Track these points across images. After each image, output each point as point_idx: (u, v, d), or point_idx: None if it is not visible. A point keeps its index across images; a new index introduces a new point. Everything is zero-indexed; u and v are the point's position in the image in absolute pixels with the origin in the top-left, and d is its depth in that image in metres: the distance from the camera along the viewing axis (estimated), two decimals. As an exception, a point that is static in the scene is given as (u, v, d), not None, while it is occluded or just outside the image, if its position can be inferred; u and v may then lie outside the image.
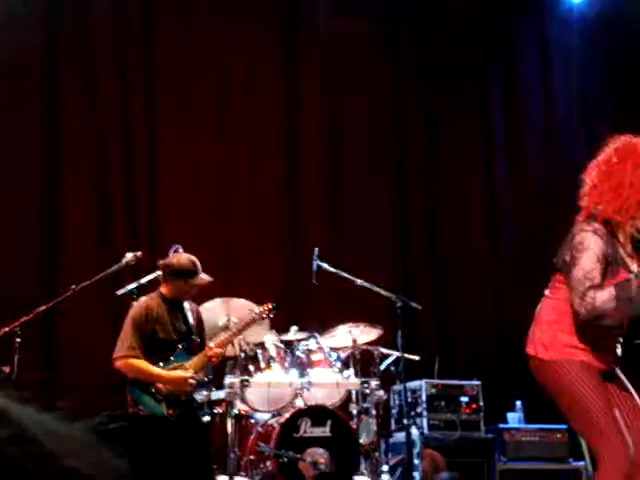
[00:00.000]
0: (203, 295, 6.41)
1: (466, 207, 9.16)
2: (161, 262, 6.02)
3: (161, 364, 5.80)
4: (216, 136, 8.40)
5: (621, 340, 3.87)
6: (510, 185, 9.33)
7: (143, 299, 5.98)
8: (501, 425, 7.53)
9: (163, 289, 5.99)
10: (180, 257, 5.98)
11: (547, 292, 3.96)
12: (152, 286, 6.19)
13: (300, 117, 8.76)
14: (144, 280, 6.25)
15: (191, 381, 5.77)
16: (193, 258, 5.97)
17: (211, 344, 5.97)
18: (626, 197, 3.77)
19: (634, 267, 3.84)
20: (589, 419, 3.72)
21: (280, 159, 8.64)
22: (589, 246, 3.75)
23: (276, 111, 8.70)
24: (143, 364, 5.74)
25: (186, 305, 6.04)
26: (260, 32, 8.67)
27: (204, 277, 5.97)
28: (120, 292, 6.28)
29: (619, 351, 3.91)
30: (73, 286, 5.90)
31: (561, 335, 3.81)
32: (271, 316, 6.35)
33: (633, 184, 3.78)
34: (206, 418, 5.99)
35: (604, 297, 3.66)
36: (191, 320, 6.01)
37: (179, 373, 5.78)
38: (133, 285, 6.21)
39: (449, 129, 9.27)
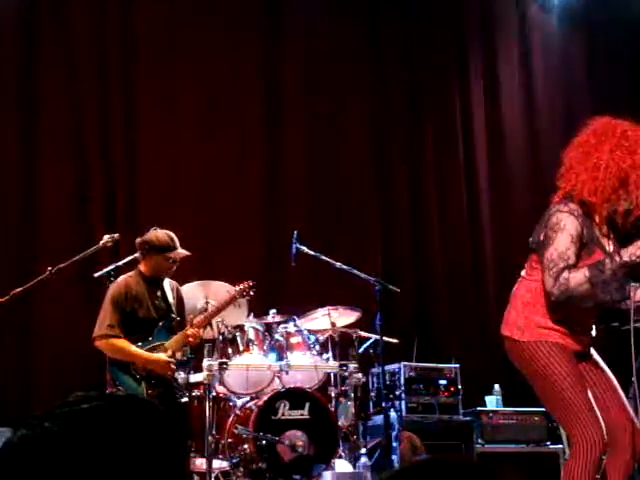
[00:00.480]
0: (181, 278, 6.38)
1: (447, 190, 9.16)
2: (139, 239, 6.01)
3: (140, 343, 5.78)
4: (196, 119, 8.34)
5: (596, 321, 3.87)
6: (491, 171, 9.34)
7: (122, 277, 5.96)
8: (479, 408, 7.57)
9: (142, 267, 5.98)
10: (157, 233, 5.98)
11: (523, 273, 3.96)
12: (129, 268, 6.16)
13: (282, 104, 8.71)
14: (121, 262, 6.21)
15: (173, 366, 5.76)
16: (171, 233, 5.98)
17: (189, 325, 5.96)
18: (602, 179, 3.77)
19: (610, 248, 3.85)
20: (563, 400, 3.73)
21: (261, 141, 8.60)
22: (564, 226, 3.74)
23: (258, 93, 8.64)
24: (123, 343, 5.73)
25: (166, 283, 6.03)
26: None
27: (182, 251, 5.97)
28: (97, 274, 6.23)
29: (594, 332, 3.92)
30: (50, 268, 5.84)
31: (535, 316, 3.81)
32: (251, 293, 6.33)
33: (609, 166, 3.78)
34: (184, 399, 5.97)
35: (578, 278, 3.66)
36: (171, 298, 6.01)
37: (160, 355, 5.77)
38: (110, 267, 6.16)
39: (430, 110, 9.26)
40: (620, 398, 3.90)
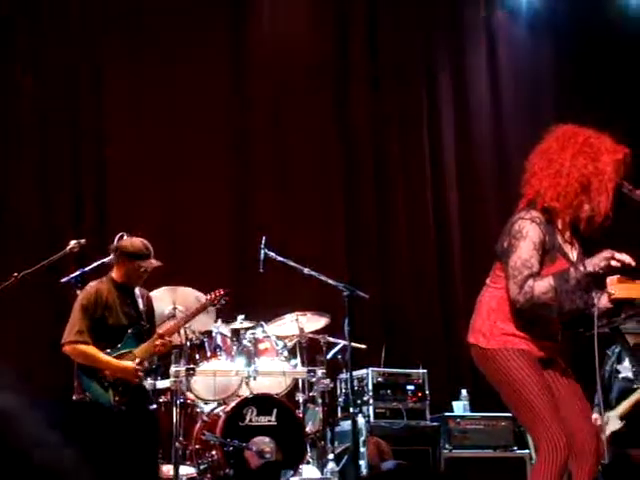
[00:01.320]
0: (149, 283, 6.36)
1: (414, 197, 9.17)
2: (114, 244, 5.97)
3: (109, 350, 5.75)
4: (165, 124, 8.30)
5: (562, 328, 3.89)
6: (458, 174, 9.37)
7: (93, 283, 5.93)
8: (446, 413, 7.59)
9: (114, 273, 5.95)
10: (133, 240, 5.95)
11: (488, 281, 3.98)
12: (96, 274, 6.13)
13: (250, 110, 8.69)
14: (88, 268, 6.18)
15: (140, 374, 5.74)
16: (146, 242, 5.96)
17: (158, 332, 5.93)
18: (564, 185, 3.80)
19: (573, 255, 3.88)
20: (529, 407, 3.75)
21: (228, 146, 8.58)
22: (527, 234, 3.77)
23: (225, 95, 8.62)
24: (92, 350, 5.70)
25: (137, 291, 6.01)
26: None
27: (154, 262, 5.94)
28: (64, 280, 6.20)
29: (559, 338, 3.94)
30: (15, 274, 5.80)
31: (500, 323, 3.83)
32: (222, 302, 6.32)
33: (571, 173, 3.81)
34: (153, 406, 5.94)
35: (542, 286, 3.69)
36: (141, 306, 5.98)
37: (128, 363, 5.74)
38: (77, 273, 6.14)
39: (397, 113, 9.27)
40: (584, 404, 3.93)
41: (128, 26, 8.28)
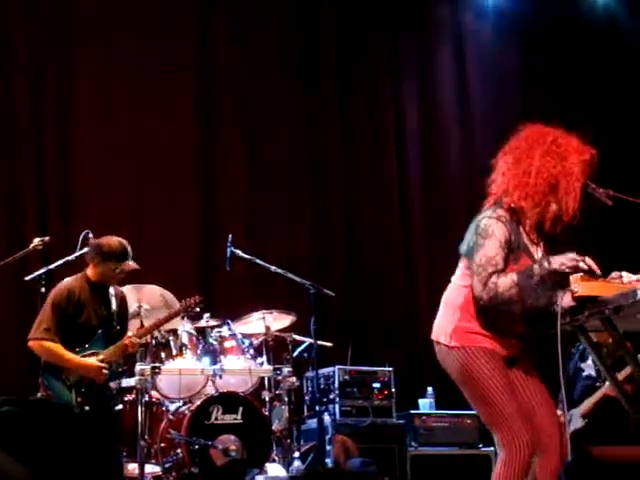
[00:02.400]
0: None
1: (380, 195, 9.18)
2: (92, 242, 5.90)
3: (77, 349, 5.69)
4: (132, 119, 8.25)
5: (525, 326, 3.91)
6: (424, 175, 9.39)
7: (66, 280, 5.86)
8: (412, 411, 7.61)
9: (89, 271, 5.86)
10: (112, 239, 5.86)
11: (453, 278, 4.00)
12: (62, 271, 6.08)
13: (218, 107, 8.67)
14: (53, 265, 6.14)
15: (105, 372, 5.68)
16: (125, 242, 5.87)
17: (130, 333, 5.89)
18: (532, 185, 3.82)
19: (537, 254, 3.90)
20: (491, 404, 3.77)
21: (196, 143, 8.54)
22: (493, 232, 3.78)
23: (194, 101, 8.59)
24: (57, 347, 5.64)
25: (111, 290, 5.93)
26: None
27: (132, 264, 5.86)
28: (28, 277, 6.15)
29: (524, 336, 3.95)
30: (-21, 271, 5.76)
31: (465, 322, 3.84)
32: (197, 310, 6.30)
33: (540, 172, 3.83)
34: (119, 407, 5.90)
35: (506, 283, 3.71)
36: (114, 306, 5.89)
37: (92, 361, 5.68)
38: (42, 270, 6.08)
39: (362, 113, 9.27)
40: (548, 402, 3.95)
41: (96, 26, 8.22)
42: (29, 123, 7.88)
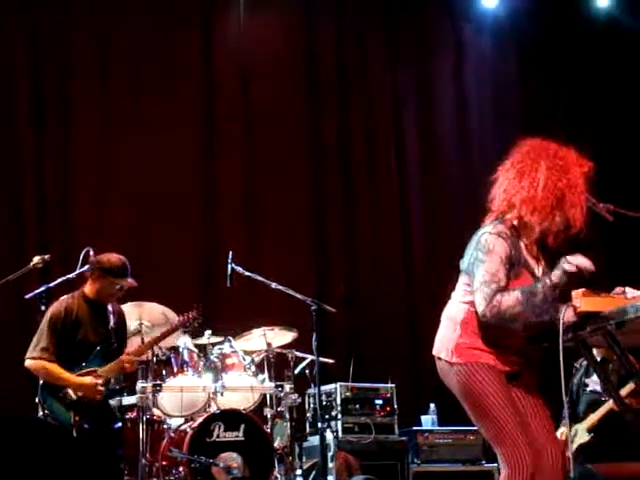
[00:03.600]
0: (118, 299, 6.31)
1: (379, 212, 9.17)
2: (92, 258, 5.87)
3: (75, 367, 5.66)
4: (132, 135, 8.26)
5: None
6: (423, 187, 9.39)
7: (63, 298, 5.84)
8: (415, 428, 7.59)
9: (87, 288, 5.84)
10: (112, 256, 5.84)
11: (453, 294, 3.98)
12: (61, 290, 6.06)
13: (217, 118, 8.68)
14: (53, 284, 6.12)
15: (100, 389, 5.64)
16: (124, 259, 5.85)
17: (126, 352, 5.86)
18: (540, 198, 3.79)
19: (538, 270, 3.88)
20: (494, 421, 3.74)
21: (197, 159, 8.55)
22: (494, 248, 3.76)
23: (195, 110, 8.63)
24: (53, 367, 5.61)
25: (109, 307, 5.90)
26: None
27: (131, 281, 5.83)
28: (28, 296, 6.13)
29: (527, 352, 3.93)
30: (-21, 290, 5.75)
31: (466, 338, 3.81)
32: (195, 325, 6.27)
33: (547, 185, 3.80)
34: (118, 425, 5.87)
35: (510, 301, 3.68)
36: (112, 323, 5.86)
37: (89, 379, 5.65)
38: (42, 289, 6.07)
39: (360, 127, 9.28)
40: (549, 421, 3.92)
41: (96, 31, 8.25)
42: (30, 139, 7.90)
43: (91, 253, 6.01)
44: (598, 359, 5.71)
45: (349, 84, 9.28)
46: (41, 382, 5.68)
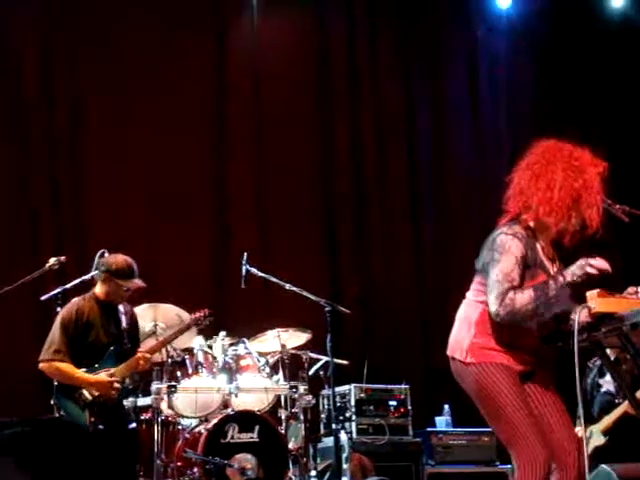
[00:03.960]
0: (130, 299, 6.33)
1: (392, 214, 9.15)
2: (100, 260, 5.91)
3: (87, 368, 5.68)
4: (145, 136, 8.28)
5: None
6: (436, 191, 9.38)
7: (75, 300, 5.87)
8: (429, 429, 7.58)
9: (97, 290, 5.87)
10: (118, 257, 5.87)
11: (468, 294, 3.98)
12: (77, 291, 6.09)
13: (229, 120, 8.69)
14: (69, 285, 6.15)
15: (116, 385, 5.66)
16: (131, 260, 5.87)
17: (141, 350, 5.88)
18: (557, 200, 3.80)
19: (553, 271, 3.88)
20: (508, 421, 3.74)
21: (209, 161, 8.57)
22: (510, 249, 3.77)
23: (205, 109, 8.63)
24: (67, 367, 5.63)
25: (121, 308, 5.92)
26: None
27: (137, 282, 5.86)
28: (44, 297, 6.17)
29: (541, 351, 3.93)
30: (-5, 290, 5.78)
31: (480, 337, 3.82)
32: (206, 323, 6.29)
33: (563, 187, 3.81)
34: (133, 425, 5.90)
35: (524, 299, 3.69)
36: (124, 324, 5.88)
37: (103, 377, 5.67)
38: (58, 290, 6.11)
39: (371, 129, 9.27)
40: (566, 418, 3.92)
41: (109, 34, 8.28)
42: (44, 143, 7.93)
43: (106, 255, 6.04)
44: (612, 359, 5.69)
45: (360, 85, 9.26)
46: (56, 383, 5.71)
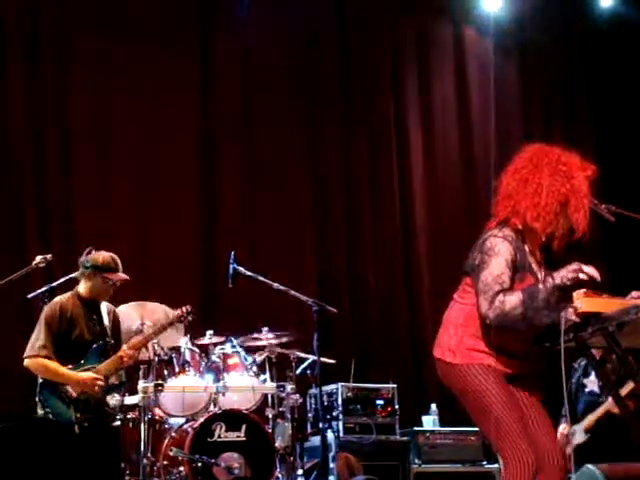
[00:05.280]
0: (118, 298, 6.33)
1: (382, 214, 9.16)
2: (81, 258, 5.93)
3: (71, 366, 5.71)
4: (133, 136, 8.26)
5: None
6: (427, 191, 9.39)
7: (57, 298, 5.90)
8: (416, 428, 7.59)
9: (80, 288, 5.92)
10: (100, 253, 5.92)
11: (456, 296, 3.99)
12: (64, 289, 6.09)
13: (217, 117, 8.67)
14: (56, 283, 6.15)
15: (100, 382, 5.68)
16: (114, 255, 5.94)
17: (124, 346, 5.90)
18: (544, 205, 3.80)
19: (542, 274, 3.88)
20: (495, 422, 3.74)
21: (197, 162, 8.55)
22: (499, 251, 3.77)
23: (191, 108, 8.60)
24: (52, 364, 5.67)
25: (103, 306, 5.98)
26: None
27: (122, 275, 5.91)
28: (31, 295, 6.17)
29: (528, 354, 3.94)
30: (-19, 289, 5.76)
31: (467, 339, 3.82)
32: (189, 319, 6.29)
33: (550, 192, 3.81)
34: (117, 423, 5.89)
35: (513, 302, 3.69)
36: (106, 321, 5.94)
37: (88, 374, 5.70)
38: (45, 288, 6.11)
39: (361, 129, 9.27)
40: (548, 422, 3.93)
41: (95, 40, 8.25)
42: (30, 140, 7.89)
43: (93, 252, 6.04)
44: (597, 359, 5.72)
45: (350, 88, 9.25)
46: (40, 380, 5.74)
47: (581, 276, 3.67)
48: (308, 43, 9.16)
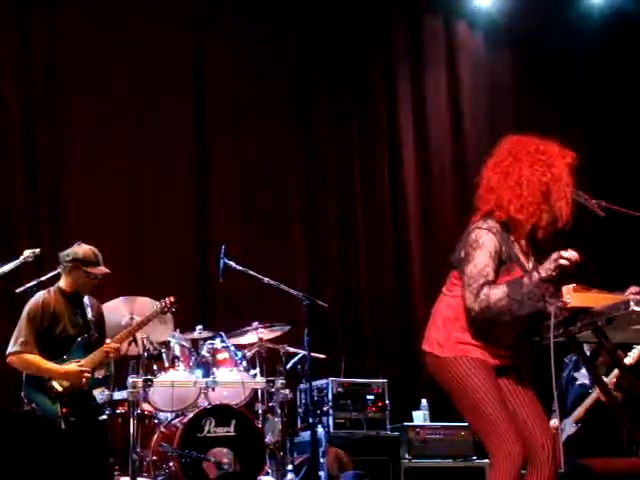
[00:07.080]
0: (109, 293, 6.31)
1: (373, 207, 9.15)
2: (62, 253, 5.89)
3: (55, 360, 5.67)
4: (127, 132, 8.22)
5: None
6: (418, 188, 9.38)
7: (40, 294, 5.86)
8: (406, 423, 7.59)
9: (62, 282, 5.88)
10: (82, 247, 5.88)
11: (444, 289, 3.99)
12: (52, 284, 6.05)
13: (211, 112, 8.65)
14: (44, 278, 6.12)
15: (86, 374, 5.65)
16: (95, 249, 5.89)
17: (108, 340, 5.87)
18: (526, 195, 3.82)
19: (529, 265, 3.89)
20: (482, 414, 3.75)
21: (190, 155, 8.53)
22: (483, 243, 3.78)
23: (185, 104, 8.57)
24: (36, 359, 5.63)
25: (86, 300, 5.92)
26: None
27: (103, 268, 5.86)
28: (19, 290, 6.14)
29: (516, 346, 3.93)
30: (-31, 283, 5.73)
31: (456, 332, 3.83)
32: (173, 310, 6.25)
33: (531, 182, 3.83)
34: (103, 417, 5.86)
35: (497, 294, 3.69)
36: (90, 315, 5.88)
37: (72, 367, 5.66)
38: (33, 282, 6.08)
39: (353, 129, 9.25)
40: (540, 413, 3.93)
41: (88, 38, 8.22)
42: (21, 134, 7.85)
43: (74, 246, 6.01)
44: (588, 353, 5.73)
45: (342, 85, 9.22)
46: (25, 376, 5.69)
47: (562, 262, 3.66)
48: (299, 40, 9.13)
